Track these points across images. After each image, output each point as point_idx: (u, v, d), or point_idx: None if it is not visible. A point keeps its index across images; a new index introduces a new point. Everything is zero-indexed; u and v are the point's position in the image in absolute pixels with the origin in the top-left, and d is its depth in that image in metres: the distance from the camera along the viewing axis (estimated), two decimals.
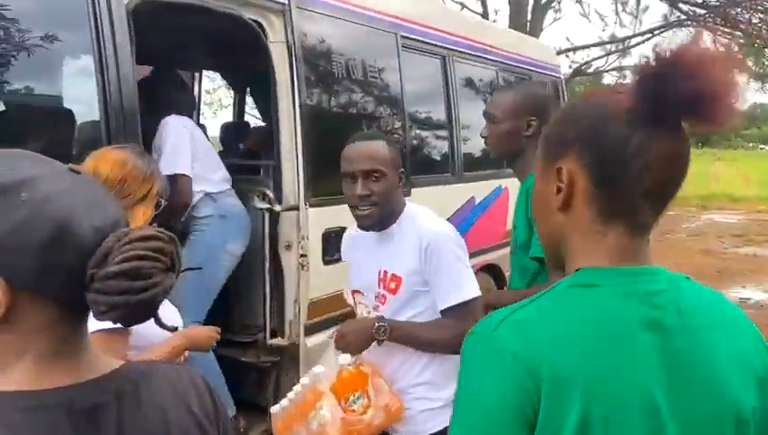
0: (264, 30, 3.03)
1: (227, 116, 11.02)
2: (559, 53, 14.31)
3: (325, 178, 2.97)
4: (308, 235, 3.01)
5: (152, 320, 1.98)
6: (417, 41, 3.95)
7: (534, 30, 12.87)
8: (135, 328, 1.77)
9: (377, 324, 1.86)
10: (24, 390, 0.73)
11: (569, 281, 0.88)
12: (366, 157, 1.88)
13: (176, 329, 0.92)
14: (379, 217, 1.92)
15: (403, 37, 3.74)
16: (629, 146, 0.84)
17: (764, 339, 0.91)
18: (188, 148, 3.03)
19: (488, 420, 0.80)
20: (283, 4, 3.01)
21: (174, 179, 2.92)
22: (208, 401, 0.89)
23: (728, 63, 0.81)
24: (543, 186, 0.94)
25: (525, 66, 5.38)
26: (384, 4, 3.68)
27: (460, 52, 4.43)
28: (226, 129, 5.08)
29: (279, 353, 3.14)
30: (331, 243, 3.04)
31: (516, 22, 12.67)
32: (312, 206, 3.03)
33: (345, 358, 1.88)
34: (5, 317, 0.72)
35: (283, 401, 2.01)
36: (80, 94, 2.39)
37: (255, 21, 2.99)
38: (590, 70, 14.00)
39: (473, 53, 4.62)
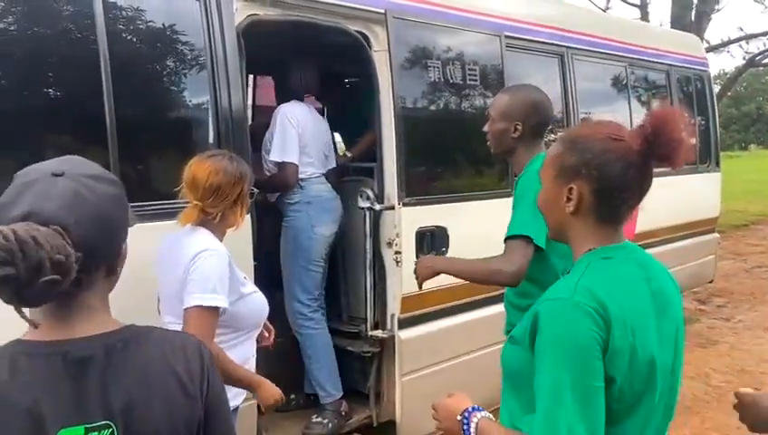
0: (368, 40, 3.22)
1: None
2: (729, 43, 13.12)
3: (420, 180, 3.10)
4: (401, 232, 3.14)
5: (244, 305, 2.26)
6: (527, 41, 3.90)
7: (700, 19, 11.88)
8: (230, 312, 2.05)
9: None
10: (30, 340, 0.96)
11: (596, 255, 1.32)
12: None
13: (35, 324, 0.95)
14: None
15: (508, 37, 3.71)
16: (627, 178, 1.29)
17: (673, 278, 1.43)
18: (295, 136, 3.35)
19: (579, 351, 1.19)
20: (383, 13, 3.16)
21: (282, 166, 3.33)
22: (196, 365, 1.05)
23: (688, 129, 1.28)
24: (556, 191, 1.34)
25: (660, 60, 5.07)
26: (485, 5, 3.68)
27: (580, 49, 4.30)
28: None
29: (379, 344, 3.31)
30: (424, 241, 3.16)
31: (680, 11, 11.79)
32: (405, 205, 3.17)
33: None
34: None
35: None
36: (196, 103, 2.72)
37: (360, 32, 3.19)
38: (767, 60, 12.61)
39: (595, 49, 4.46)
